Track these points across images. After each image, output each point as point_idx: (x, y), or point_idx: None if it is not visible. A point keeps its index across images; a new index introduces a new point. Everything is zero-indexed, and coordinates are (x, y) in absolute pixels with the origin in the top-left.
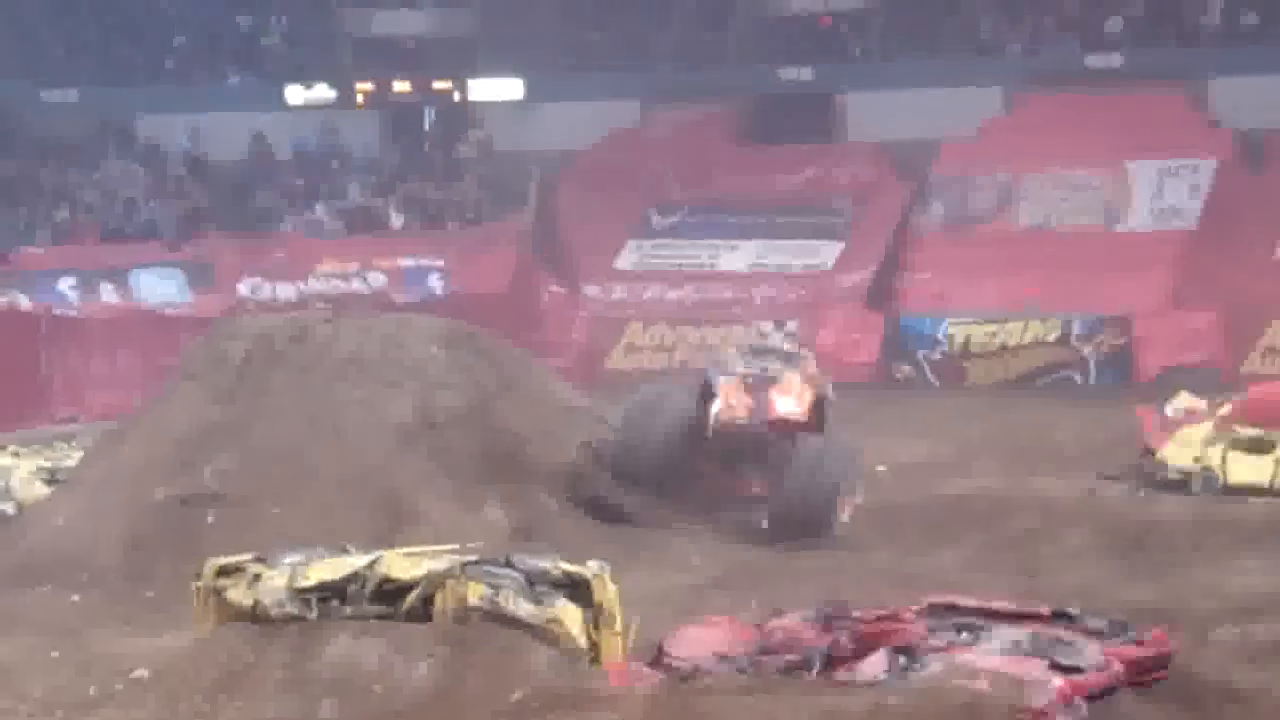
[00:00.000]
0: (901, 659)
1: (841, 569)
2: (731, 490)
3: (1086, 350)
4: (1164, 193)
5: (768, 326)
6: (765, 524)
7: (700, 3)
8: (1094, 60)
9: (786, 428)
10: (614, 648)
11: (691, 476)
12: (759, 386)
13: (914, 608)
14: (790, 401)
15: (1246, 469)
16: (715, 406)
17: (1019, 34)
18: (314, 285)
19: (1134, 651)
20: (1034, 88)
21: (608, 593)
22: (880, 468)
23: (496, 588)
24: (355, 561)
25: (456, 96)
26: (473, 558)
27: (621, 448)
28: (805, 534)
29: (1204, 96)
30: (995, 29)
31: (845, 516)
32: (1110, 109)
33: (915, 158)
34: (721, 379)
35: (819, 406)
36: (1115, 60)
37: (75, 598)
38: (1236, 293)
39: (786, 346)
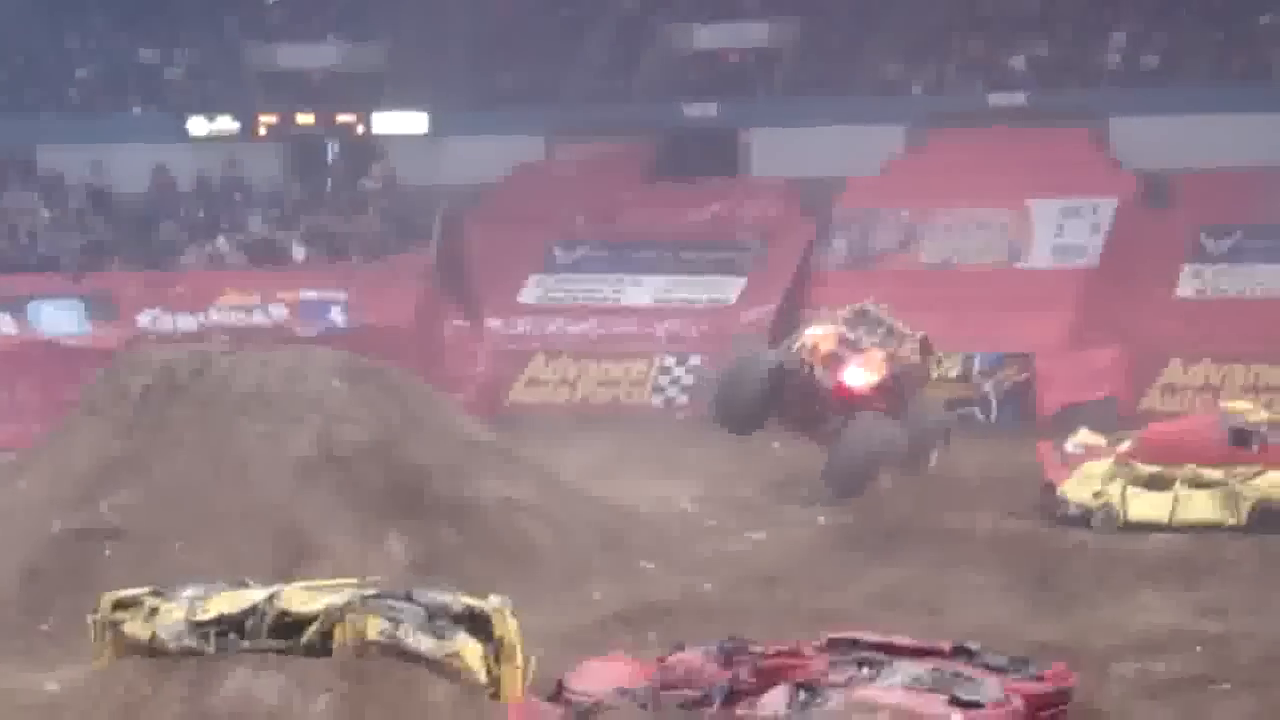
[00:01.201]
0: (802, 694)
1: (745, 605)
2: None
3: (988, 387)
4: (1065, 231)
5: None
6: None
7: (607, 39)
8: (997, 99)
9: (850, 396)
10: (514, 682)
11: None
12: (844, 348)
13: (815, 643)
14: (860, 374)
15: (1146, 505)
16: (796, 341)
17: (923, 73)
18: (215, 317)
19: (1034, 687)
20: (938, 126)
21: (508, 627)
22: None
23: (396, 622)
24: (254, 595)
25: (361, 130)
26: (373, 591)
27: (719, 394)
28: (846, 494)
29: (1106, 136)
30: (900, 68)
31: (888, 483)
32: (1013, 148)
33: (820, 195)
34: (816, 326)
35: (891, 386)
36: (1019, 99)
37: None
38: (1137, 331)
39: (899, 325)
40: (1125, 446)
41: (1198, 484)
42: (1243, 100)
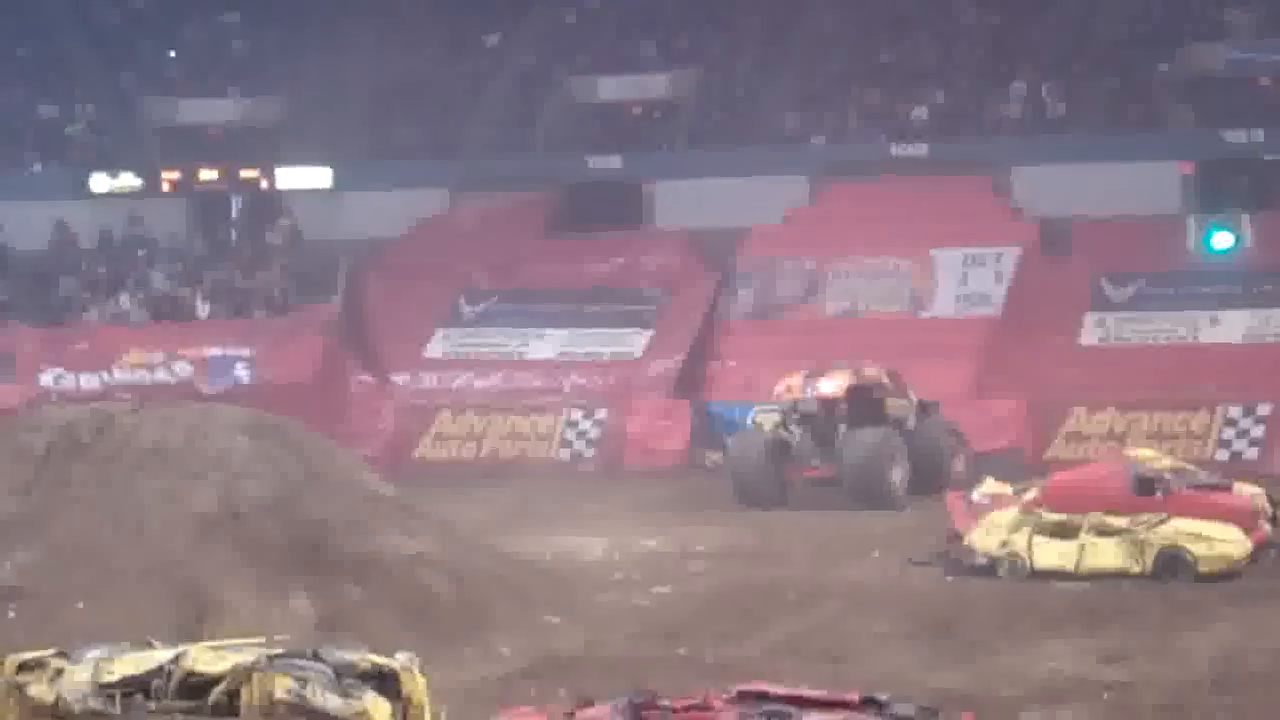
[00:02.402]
0: None
1: (651, 658)
2: (809, 473)
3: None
4: (968, 280)
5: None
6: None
7: (509, 91)
8: (899, 150)
9: (831, 408)
10: None
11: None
12: (813, 374)
13: (724, 695)
14: (831, 383)
15: (1052, 553)
16: (777, 388)
17: (824, 123)
18: (118, 376)
19: None
20: (840, 177)
21: (416, 685)
22: (696, 558)
23: (303, 680)
24: (159, 656)
25: (264, 184)
26: (279, 650)
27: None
28: (869, 505)
29: (1007, 185)
30: (801, 118)
31: (897, 482)
32: (915, 197)
33: (723, 246)
34: (786, 377)
35: (863, 394)
36: (920, 149)
37: None
38: (1040, 379)
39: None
40: (1031, 495)
41: (1103, 532)
42: (1140, 148)
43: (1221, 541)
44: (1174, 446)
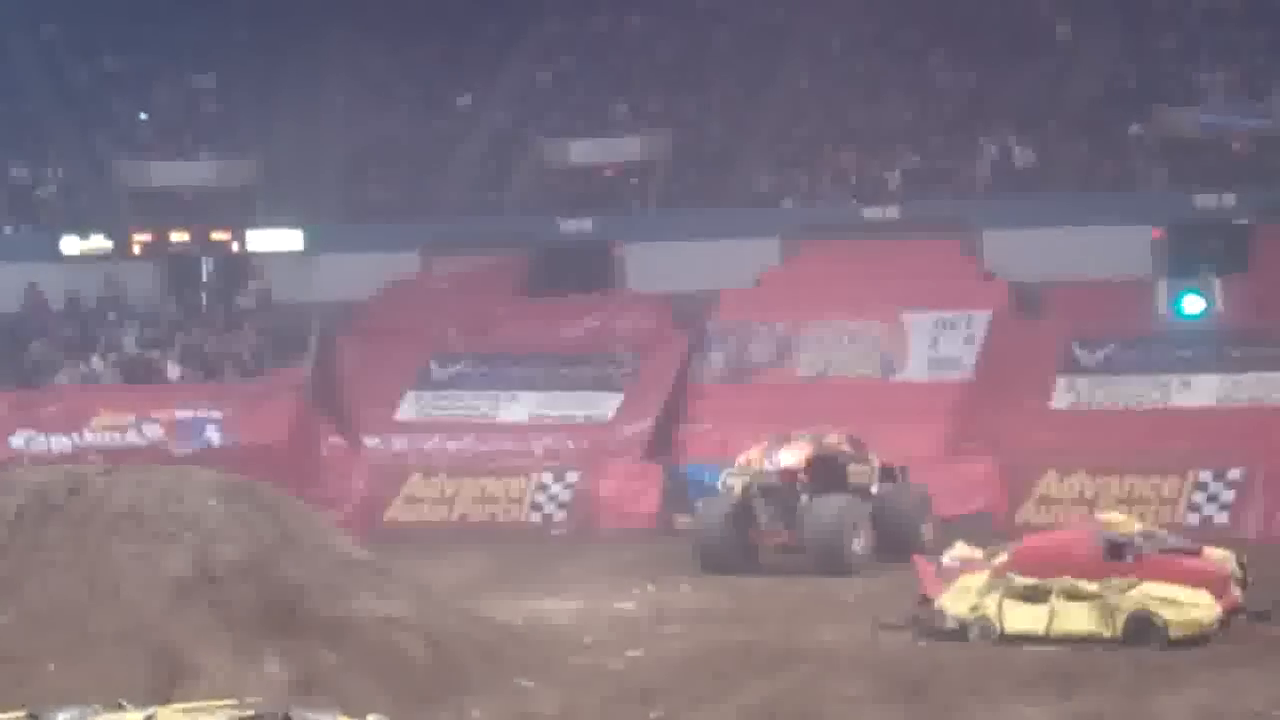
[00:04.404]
0: None
1: None
2: (773, 540)
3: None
4: (940, 343)
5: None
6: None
7: (480, 153)
8: (871, 213)
9: (792, 477)
10: None
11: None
12: (774, 445)
13: None
14: (792, 455)
15: (1022, 617)
16: (739, 459)
17: (795, 186)
18: (90, 438)
19: None
20: (811, 238)
21: None
22: (670, 621)
23: None
24: (130, 718)
25: (235, 247)
26: (251, 713)
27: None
28: (831, 573)
29: (978, 247)
30: (772, 180)
31: (860, 550)
32: (886, 260)
33: (694, 308)
34: (747, 449)
35: (824, 464)
36: (892, 212)
37: None
38: (1012, 442)
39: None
40: (1001, 559)
41: (1074, 596)
42: (1112, 211)
43: (1192, 606)
44: (1144, 511)
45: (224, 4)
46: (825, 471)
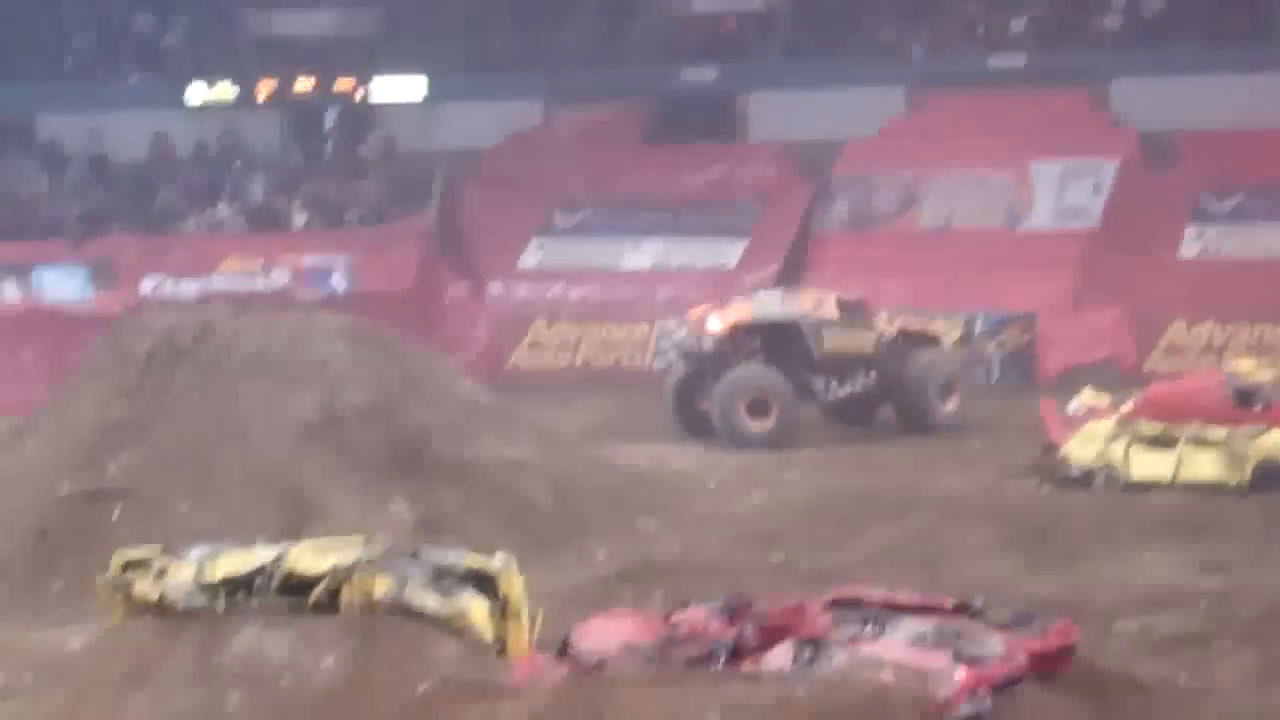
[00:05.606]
0: (807, 651)
1: (746, 563)
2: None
3: (990, 349)
4: (1067, 193)
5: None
6: None
7: (602, 4)
8: (997, 61)
9: (718, 339)
10: (520, 640)
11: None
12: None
13: (819, 601)
14: (716, 319)
15: (1149, 464)
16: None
17: (922, 35)
18: (217, 283)
19: (1038, 643)
20: (937, 88)
21: (514, 585)
22: (792, 467)
23: (403, 581)
24: (262, 555)
25: (359, 96)
26: (379, 551)
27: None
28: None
29: (1106, 97)
30: (898, 30)
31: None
32: (1013, 109)
33: (818, 158)
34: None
35: (752, 331)
36: (1019, 61)
37: None
38: (1139, 292)
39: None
40: (1128, 406)
41: (1201, 443)
42: (1243, 59)
43: None
44: (1274, 359)
45: None
46: (781, 339)
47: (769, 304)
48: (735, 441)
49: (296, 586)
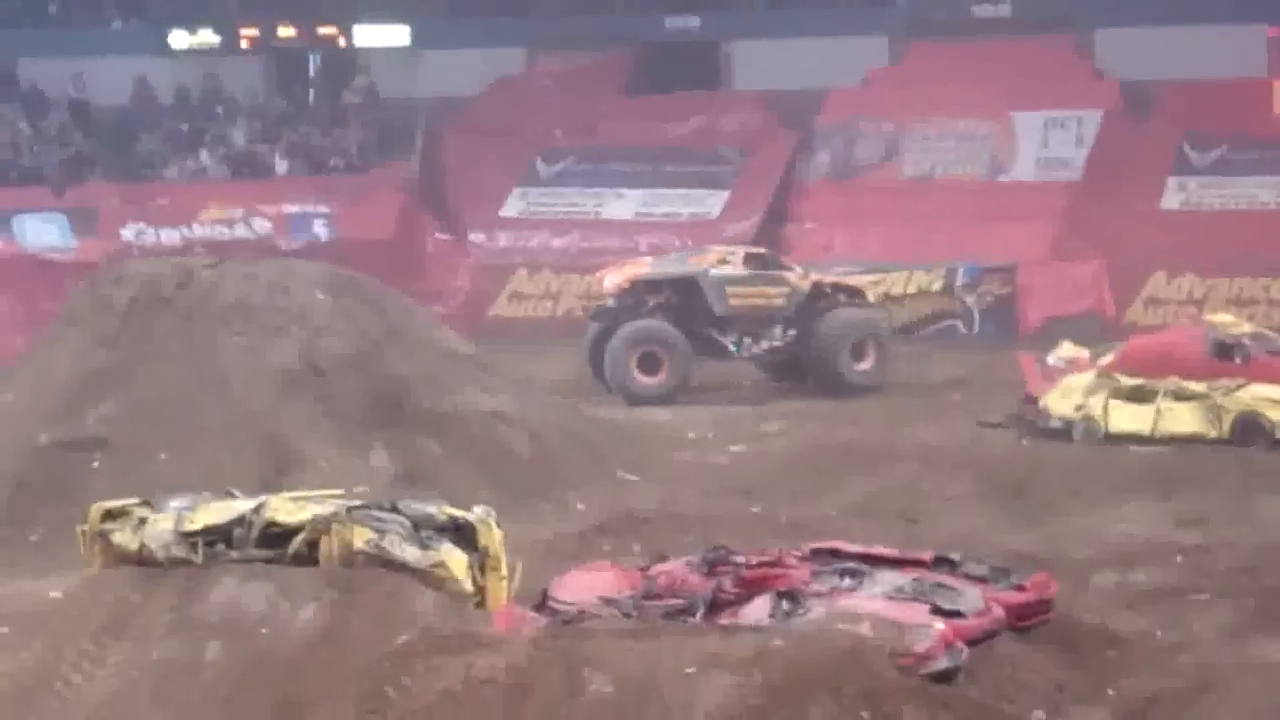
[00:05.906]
0: (785, 604)
1: (725, 515)
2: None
3: (970, 300)
4: (1049, 143)
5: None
6: None
7: None
8: (981, 10)
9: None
10: (499, 592)
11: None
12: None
13: (797, 553)
14: (608, 278)
15: (1128, 417)
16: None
17: None
18: (198, 231)
19: (1016, 597)
20: (920, 37)
21: (493, 537)
22: (771, 419)
23: (382, 532)
24: (241, 506)
25: (342, 42)
26: (359, 502)
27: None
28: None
29: (1090, 47)
30: None
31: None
32: (996, 59)
33: (801, 107)
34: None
35: (653, 288)
36: (1003, 10)
37: None
38: (1120, 243)
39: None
40: (1108, 359)
41: (1180, 397)
42: (1226, 10)
43: None
44: (1254, 312)
45: None
46: (684, 295)
47: (669, 261)
48: (626, 397)
49: (276, 537)
